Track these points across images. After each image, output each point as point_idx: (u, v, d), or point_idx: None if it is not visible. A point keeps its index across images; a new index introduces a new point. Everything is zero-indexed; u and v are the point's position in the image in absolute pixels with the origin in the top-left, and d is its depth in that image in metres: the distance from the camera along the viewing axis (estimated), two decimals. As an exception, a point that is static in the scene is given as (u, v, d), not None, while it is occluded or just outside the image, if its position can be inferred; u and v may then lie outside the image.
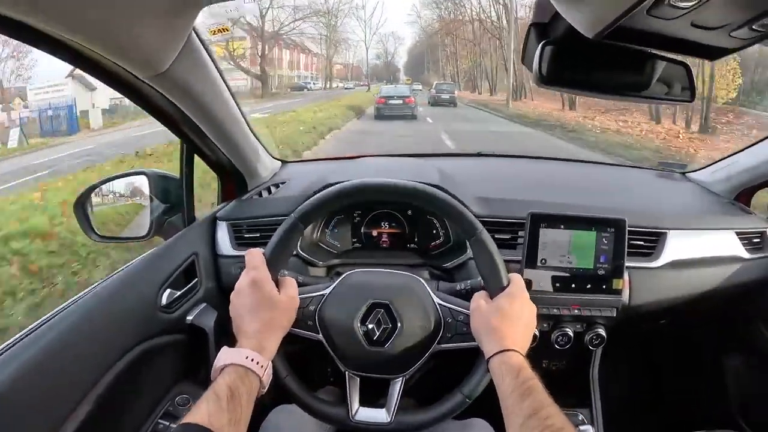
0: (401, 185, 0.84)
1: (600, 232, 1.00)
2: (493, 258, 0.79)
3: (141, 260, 0.98)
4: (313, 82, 38.79)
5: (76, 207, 1.12)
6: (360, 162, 1.46)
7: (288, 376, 0.82)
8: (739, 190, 1.34)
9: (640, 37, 0.64)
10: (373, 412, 0.83)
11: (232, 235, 1.16)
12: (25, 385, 0.67)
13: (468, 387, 0.80)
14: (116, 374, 0.81)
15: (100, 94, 15.37)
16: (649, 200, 1.32)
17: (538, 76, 0.71)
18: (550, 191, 1.29)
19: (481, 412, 0.95)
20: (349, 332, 0.81)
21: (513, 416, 0.65)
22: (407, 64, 50.90)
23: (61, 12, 0.55)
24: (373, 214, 1.21)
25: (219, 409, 0.61)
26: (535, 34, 0.74)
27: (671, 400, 1.57)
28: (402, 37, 49.53)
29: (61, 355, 0.73)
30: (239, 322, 0.76)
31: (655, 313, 1.16)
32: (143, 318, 0.91)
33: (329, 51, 38.11)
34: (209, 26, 1.59)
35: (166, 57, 0.72)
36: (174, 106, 0.88)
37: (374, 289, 0.83)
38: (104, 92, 14.40)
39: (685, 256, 1.13)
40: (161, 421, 0.95)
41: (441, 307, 0.83)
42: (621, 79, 0.76)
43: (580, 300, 1.02)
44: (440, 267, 1.11)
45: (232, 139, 1.07)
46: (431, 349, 0.81)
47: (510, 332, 0.74)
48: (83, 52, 0.66)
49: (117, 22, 0.61)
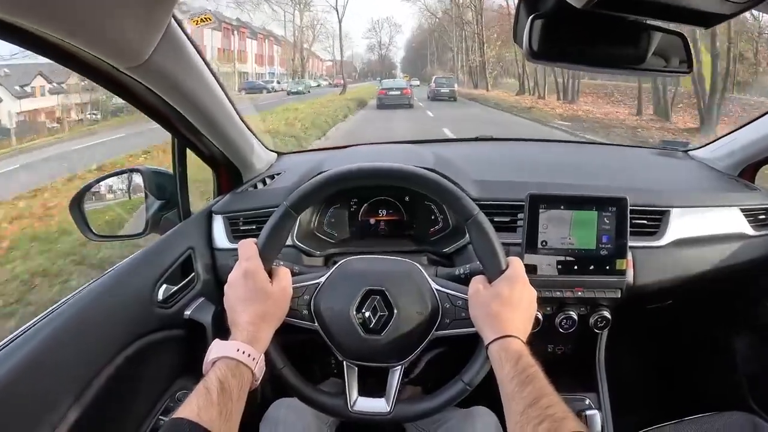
0: (394, 168, 0.82)
1: (601, 211, 0.98)
2: (491, 241, 0.77)
3: (137, 256, 0.98)
4: (277, 80, 32.75)
5: (72, 207, 1.12)
6: (355, 150, 1.45)
7: (285, 367, 0.81)
8: (742, 167, 1.32)
9: (631, 5, 0.62)
10: (372, 401, 0.82)
11: (228, 228, 1.15)
12: (23, 382, 0.67)
13: (468, 375, 0.78)
14: (115, 370, 0.81)
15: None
16: (651, 178, 1.30)
17: (528, 51, 0.69)
18: (549, 173, 1.27)
19: (485, 401, 0.94)
20: (345, 321, 0.80)
21: (513, 404, 0.63)
22: (405, 60, 49.09)
23: (33, 3, 0.53)
24: (371, 202, 1.20)
25: (209, 403, 0.60)
26: (525, 8, 0.72)
27: (679, 382, 1.55)
28: (399, 24, 46.61)
29: (58, 351, 0.73)
30: (232, 313, 0.75)
31: (661, 293, 1.14)
32: (140, 313, 0.90)
33: (297, 36, 32.33)
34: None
35: (146, 47, 0.70)
36: (160, 100, 0.86)
37: (369, 276, 0.82)
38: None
39: (690, 234, 1.11)
40: (162, 417, 0.94)
41: (439, 293, 0.81)
42: (616, 52, 0.74)
43: (583, 282, 1.00)
44: (439, 252, 1.10)
45: (223, 131, 1.06)
46: (429, 335, 0.80)
47: (509, 318, 0.73)
48: (59, 45, 0.65)
49: (92, 12, 0.59)
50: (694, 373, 1.53)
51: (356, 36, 49.01)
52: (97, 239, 1.18)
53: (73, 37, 0.62)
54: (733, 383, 1.35)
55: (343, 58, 40.74)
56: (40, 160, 9.32)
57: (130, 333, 0.87)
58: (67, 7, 0.56)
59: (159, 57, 0.73)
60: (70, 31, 0.61)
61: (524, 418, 0.60)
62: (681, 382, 1.54)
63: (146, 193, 1.18)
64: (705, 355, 1.49)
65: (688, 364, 1.55)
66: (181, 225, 1.11)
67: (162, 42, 0.72)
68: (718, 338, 1.41)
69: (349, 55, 43.09)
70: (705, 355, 1.49)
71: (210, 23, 3.18)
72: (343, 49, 39.48)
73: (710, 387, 1.45)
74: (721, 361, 1.39)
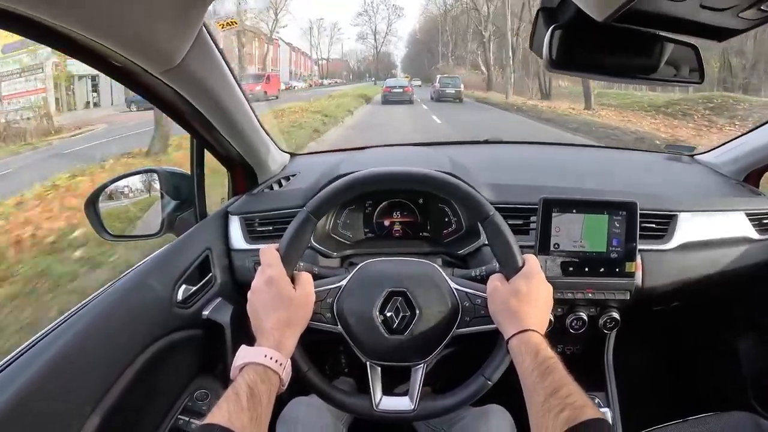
0: (413, 172, 0.84)
1: (612, 215, 1.00)
2: (507, 239, 0.79)
3: (155, 257, 0.99)
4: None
5: (87, 207, 1.12)
6: (369, 152, 1.47)
7: (309, 370, 0.82)
8: (747, 172, 1.34)
9: (648, 19, 0.64)
10: (396, 400, 0.83)
11: (244, 228, 1.17)
12: (47, 385, 0.68)
13: (489, 370, 0.80)
14: (135, 371, 0.82)
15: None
16: (658, 183, 1.32)
17: (548, 61, 0.71)
18: (560, 176, 1.29)
19: (499, 399, 0.96)
20: (369, 322, 0.81)
21: (534, 395, 0.65)
22: (406, 58, 47.00)
23: (71, 6, 0.54)
24: (385, 204, 1.22)
25: (239, 409, 0.61)
26: (544, 18, 0.74)
27: (686, 382, 1.57)
28: (401, 7, 39.36)
29: (82, 353, 0.74)
30: (257, 320, 0.76)
31: (668, 295, 1.16)
32: (160, 314, 0.92)
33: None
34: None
35: (179, 51, 0.72)
36: (185, 101, 0.88)
37: (390, 278, 0.84)
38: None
39: (697, 238, 1.14)
40: (181, 416, 0.96)
41: (458, 292, 0.83)
42: (630, 62, 0.76)
43: (593, 284, 1.02)
44: (454, 254, 1.12)
45: (242, 133, 1.08)
46: (450, 333, 0.82)
47: (528, 312, 0.75)
48: (95, 48, 0.66)
49: (129, 16, 0.60)
50: (699, 373, 1.55)
51: (347, 27, 42.04)
52: (113, 239, 1.19)
53: (108, 41, 0.64)
54: (736, 383, 1.37)
55: (328, 54, 34.48)
56: None
57: (151, 333, 0.88)
58: (104, 11, 0.58)
59: (190, 61, 0.75)
60: (107, 35, 0.62)
61: (545, 407, 0.62)
62: (686, 382, 1.57)
63: (162, 193, 1.19)
64: (709, 355, 1.51)
65: (692, 364, 1.57)
66: (198, 226, 1.13)
67: (193, 47, 0.74)
68: (722, 340, 1.44)
69: (342, 52, 38.17)
70: (709, 355, 1.51)
71: (236, 27, 3.09)
72: (331, 42, 33.42)
73: (714, 387, 1.48)
74: (725, 362, 1.42)
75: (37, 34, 0.60)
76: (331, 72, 40.03)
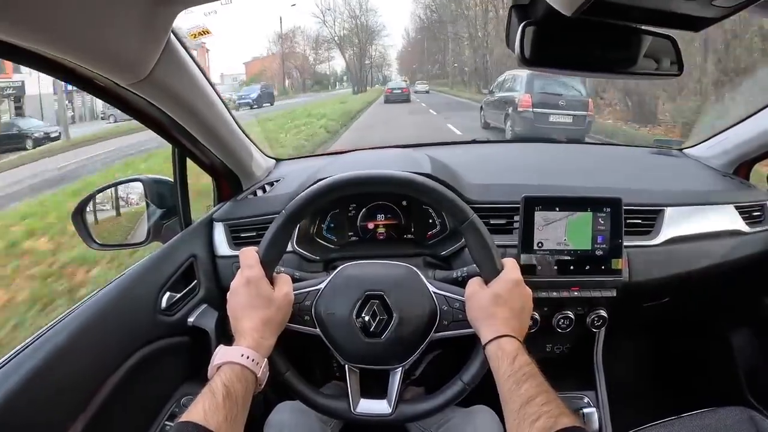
0: (389, 176, 0.84)
1: (596, 212, 0.99)
2: (486, 243, 0.79)
3: (139, 265, 0.99)
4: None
5: (74, 216, 1.12)
6: (353, 155, 1.46)
7: (288, 371, 0.82)
8: (737, 164, 1.33)
9: (620, 12, 0.63)
10: (374, 403, 0.83)
11: (229, 235, 1.17)
12: (30, 393, 0.68)
13: (467, 374, 0.80)
14: (120, 378, 0.82)
15: None
16: (645, 178, 1.31)
17: (521, 58, 0.70)
18: (544, 174, 1.28)
19: (485, 400, 0.95)
20: (346, 325, 0.81)
21: (509, 403, 0.65)
22: (400, 56, 47.16)
23: (33, 22, 0.53)
24: (369, 207, 1.21)
25: (215, 407, 0.62)
26: (516, 15, 0.73)
27: (678, 378, 1.56)
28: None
29: (65, 361, 0.74)
30: (235, 320, 0.77)
31: (657, 291, 1.15)
32: (144, 322, 0.92)
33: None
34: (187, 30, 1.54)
35: (147, 63, 0.72)
36: (160, 111, 0.87)
37: (368, 281, 0.84)
38: None
39: (685, 233, 1.13)
40: (167, 423, 0.95)
41: (436, 296, 0.83)
42: (607, 56, 0.75)
43: (579, 282, 1.02)
44: (437, 255, 1.11)
45: (222, 140, 1.07)
46: (429, 337, 0.82)
47: (505, 317, 0.74)
48: (61, 62, 0.66)
49: (93, 31, 0.60)
50: (692, 369, 1.54)
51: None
52: (100, 248, 1.18)
53: (73, 55, 0.63)
54: (730, 378, 1.36)
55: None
56: None
57: (135, 341, 0.88)
58: (67, 26, 0.57)
59: (160, 72, 0.75)
60: (71, 50, 0.62)
61: (521, 415, 0.62)
62: (679, 379, 1.56)
63: (147, 202, 1.18)
64: (702, 351, 1.50)
65: (685, 360, 1.56)
66: (182, 233, 1.12)
67: (162, 57, 0.73)
68: (714, 335, 1.42)
69: (325, 59, 34.54)
70: (702, 351, 1.50)
71: (209, 35, 3.04)
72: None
73: (708, 382, 1.47)
74: (718, 357, 1.41)
75: (2, 51, 0.59)
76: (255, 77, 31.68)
